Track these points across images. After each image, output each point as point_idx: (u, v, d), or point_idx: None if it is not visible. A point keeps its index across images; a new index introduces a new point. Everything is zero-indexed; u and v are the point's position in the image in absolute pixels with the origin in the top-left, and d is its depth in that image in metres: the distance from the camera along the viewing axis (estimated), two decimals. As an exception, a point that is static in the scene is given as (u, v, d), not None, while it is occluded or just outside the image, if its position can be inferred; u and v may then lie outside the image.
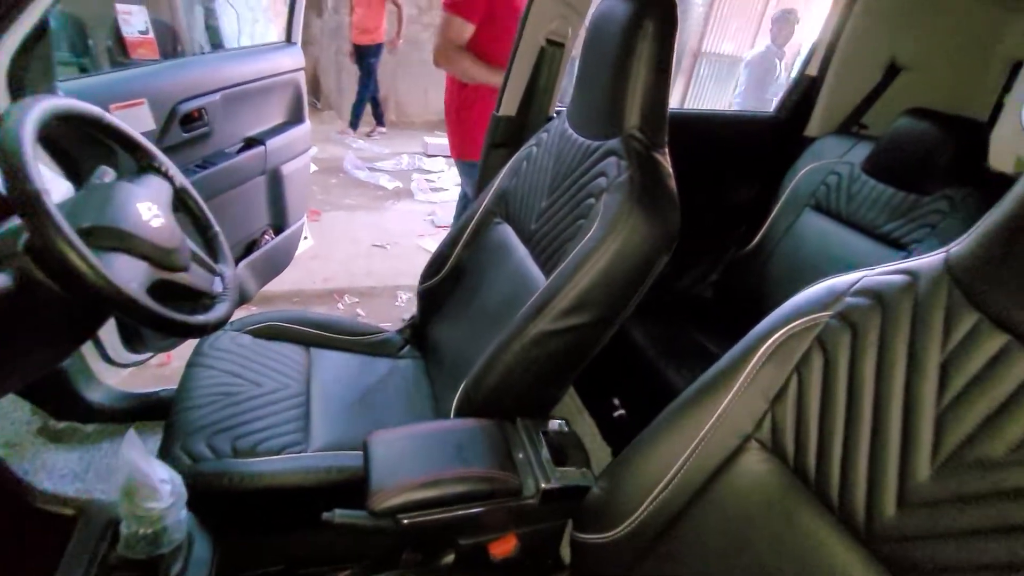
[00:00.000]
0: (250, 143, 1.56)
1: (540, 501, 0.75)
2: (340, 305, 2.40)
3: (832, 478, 0.52)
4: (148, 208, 0.72)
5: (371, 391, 1.09)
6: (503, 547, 0.75)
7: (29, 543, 0.77)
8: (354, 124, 4.81)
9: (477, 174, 1.32)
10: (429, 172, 4.18)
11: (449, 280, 1.16)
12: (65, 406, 1.19)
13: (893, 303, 0.51)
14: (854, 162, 1.30)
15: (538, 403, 0.88)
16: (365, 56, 4.51)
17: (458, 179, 1.95)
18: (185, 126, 1.31)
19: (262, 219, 1.72)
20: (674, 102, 6.13)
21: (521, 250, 1.00)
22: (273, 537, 0.85)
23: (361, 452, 0.73)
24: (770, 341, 0.59)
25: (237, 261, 1.59)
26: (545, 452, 0.79)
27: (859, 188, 1.26)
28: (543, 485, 0.74)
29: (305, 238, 2.72)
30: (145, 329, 1.30)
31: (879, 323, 0.51)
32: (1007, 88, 1.35)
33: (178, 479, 0.65)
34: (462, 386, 0.88)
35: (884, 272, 0.54)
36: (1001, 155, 1.33)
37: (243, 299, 1.61)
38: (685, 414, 0.63)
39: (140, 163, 0.81)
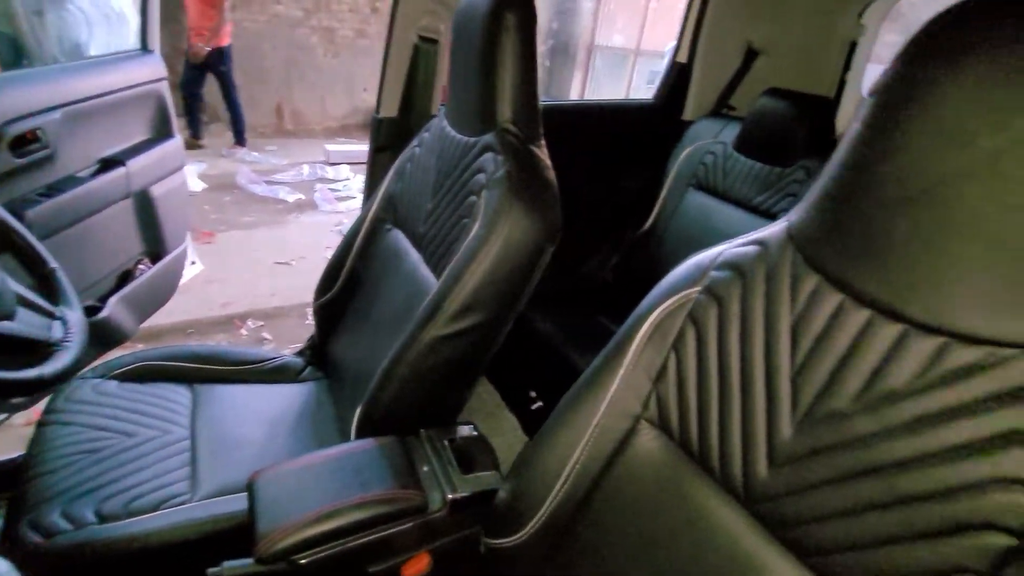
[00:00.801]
0: (107, 165, 1.39)
1: (449, 512, 0.72)
2: (243, 331, 2.23)
3: (712, 447, 0.54)
4: (-52, 251, 0.61)
5: (270, 423, 1.01)
6: (415, 567, 0.72)
7: None
8: (241, 140, 4.44)
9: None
10: (333, 181, 4.01)
11: (344, 293, 1.11)
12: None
13: (749, 273, 0.54)
14: (726, 141, 1.38)
15: (442, 411, 0.86)
16: (213, 65, 4.03)
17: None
18: (17, 150, 1.15)
19: (134, 247, 1.55)
20: (574, 95, 6.30)
21: (414, 255, 0.97)
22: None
23: None
24: (648, 322, 0.60)
25: (108, 296, 1.42)
26: (451, 461, 0.77)
27: (732, 165, 1.36)
28: (449, 496, 0.71)
29: (193, 263, 2.51)
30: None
31: (740, 293, 0.54)
32: (847, 67, 1.50)
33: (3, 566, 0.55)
34: (361, 404, 0.84)
35: (740, 244, 0.57)
36: (846, 127, 1.48)
37: (120, 338, 1.44)
38: (578, 403, 0.64)
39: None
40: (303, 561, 0.63)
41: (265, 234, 3.13)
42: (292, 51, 4.96)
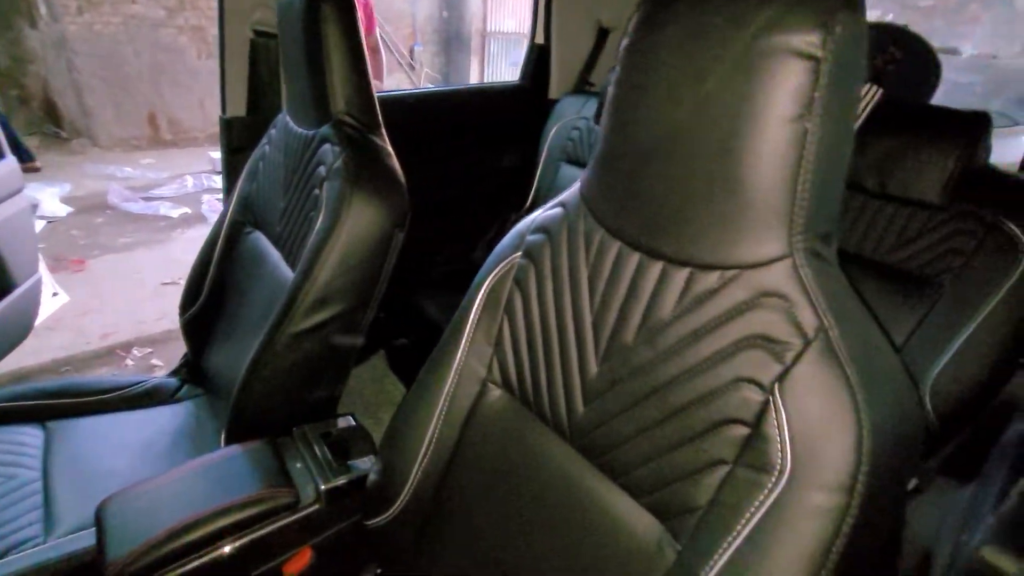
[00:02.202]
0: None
1: (326, 504, 0.73)
2: (129, 361, 2.06)
3: (543, 395, 0.58)
4: None
5: (142, 449, 0.95)
6: (297, 564, 0.73)
7: None
8: (25, 156, 3.71)
9: None
10: (221, 191, 3.75)
11: (211, 304, 1.06)
12: None
13: (555, 234, 0.59)
14: (588, 116, 1.46)
15: (314, 407, 0.85)
16: None
17: None
18: None
19: (-29, 284, 1.39)
20: (474, 79, 6.28)
21: (274, 255, 0.94)
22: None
23: None
24: (482, 291, 0.64)
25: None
26: (326, 454, 0.77)
27: (595, 138, 1.43)
28: (322, 487, 0.72)
29: (55, 295, 2.28)
30: None
31: (549, 253, 0.58)
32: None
33: None
34: (229, 409, 0.82)
35: (549, 207, 0.62)
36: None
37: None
38: (430, 376, 0.66)
39: None
40: (166, 578, 0.62)
41: (146, 255, 2.89)
42: (159, 54, 4.55)
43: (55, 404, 0.97)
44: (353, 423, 0.85)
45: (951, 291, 0.86)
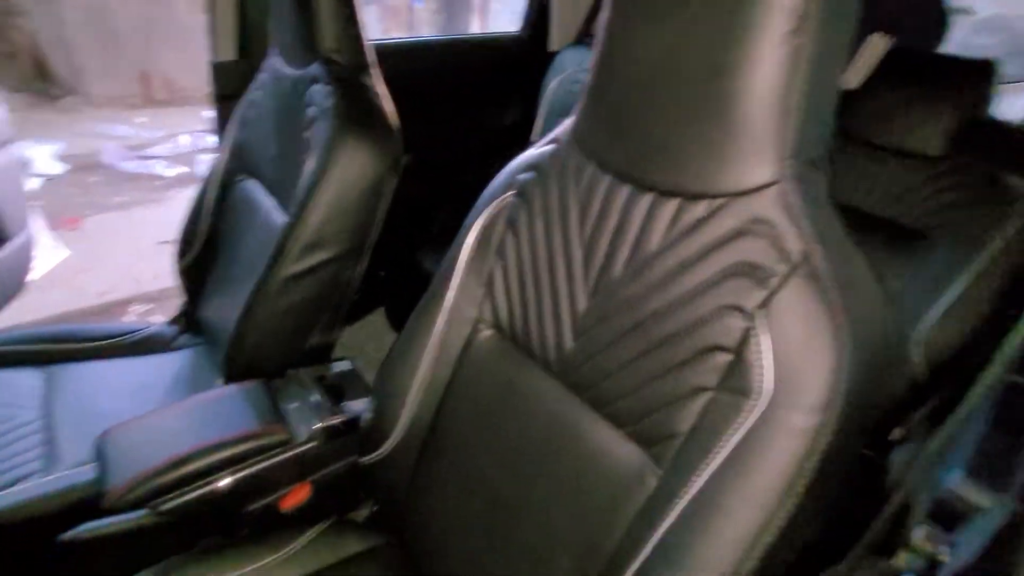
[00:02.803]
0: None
1: (322, 443, 0.74)
2: (129, 319, 2.08)
3: (533, 334, 0.59)
4: None
5: (142, 394, 0.97)
6: (294, 499, 0.75)
7: None
8: None
9: None
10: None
11: (206, 253, 1.06)
12: None
13: (546, 170, 0.58)
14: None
15: (309, 353, 0.86)
16: None
17: None
18: None
19: (-37, 237, 1.38)
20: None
21: (268, 203, 0.94)
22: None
23: None
24: (473, 232, 0.64)
25: (-61, 293, 1.27)
26: (321, 395, 0.78)
27: None
28: (316, 426, 0.73)
29: (53, 249, 2.28)
30: None
31: (541, 191, 0.58)
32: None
33: None
34: (224, 355, 0.83)
35: (541, 144, 0.61)
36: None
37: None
38: (422, 317, 0.67)
39: None
40: (164, 507, 0.64)
41: (143, 213, 2.87)
42: (148, 9, 4.40)
43: (54, 349, 0.98)
44: (350, 367, 0.86)
45: (947, 244, 0.86)
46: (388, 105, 0.82)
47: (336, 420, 0.75)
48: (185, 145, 3.71)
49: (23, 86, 4.31)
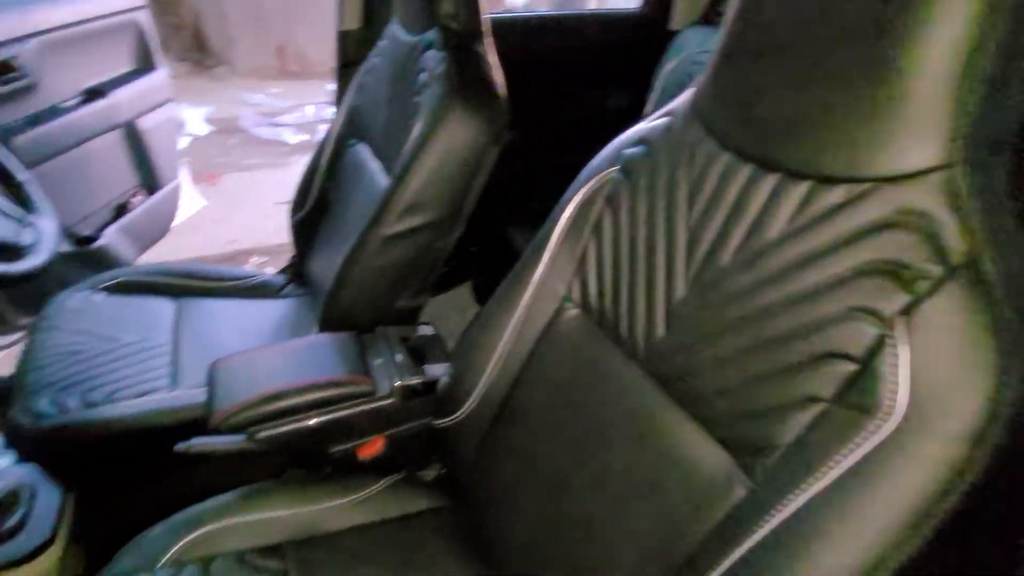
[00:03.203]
0: (91, 96, 1.42)
1: (400, 400, 0.77)
2: (248, 267, 2.31)
3: (622, 319, 0.56)
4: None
5: (251, 333, 1.07)
6: (370, 449, 0.78)
7: None
8: None
9: None
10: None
11: (316, 211, 1.13)
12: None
13: (656, 145, 0.54)
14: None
15: (397, 313, 0.89)
16: None
17: None
18: (-4, 80, 1.17)
19: (128, 180, 1.60)
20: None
21: (374, 166, 0.98)
22: (140, 483, 0.85)
23: None
24: (570, 208, 0.61)
25: (105, 227, 1.49)
26: (404, 355, 0.81)
27: None
28: (396, 383, 0.76)
29: (193, 199, 2.57)
30: (0, 306, 1.21)
31: (648, 167, 0.54)
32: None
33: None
34: (321, 306, 0.88)
35: (655, 117, 0.57)
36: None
37: (119, 267, 1.52)
38: (509, 289, 0.66)
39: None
40: (260, 435, 0.69)
41: (268, 175, 3.16)
42: (292, -14, 4.79)
43: (186, 284, 1.11)
44: (433, 332, 0.88)
45: None
46: (498, 76, 0.81)
47: (415, 380, 0.77)
48: (310, 115, 4.02)
49: (184, 55, 4.90)
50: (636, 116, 1.48)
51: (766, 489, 0.40)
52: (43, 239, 0.77)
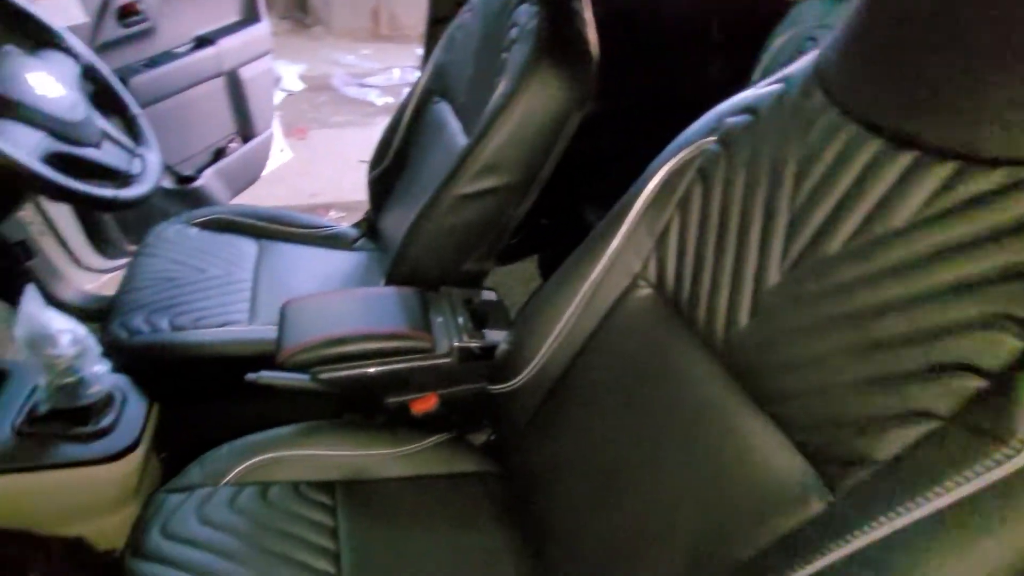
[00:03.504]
0: (201, 43, 1.50)
1: (458, 361, 0.77)
2: (327, 219, 2.41)
3: (701, 303, 0.52)
4: (42, 79, 0.71)
5: (323, 280, 1.11)
6: (423, 404, 0.79)
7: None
8: None
9: None
10: (422, 85, 4.01)
11: (394, 167, 1.15)
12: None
13: (765, 114, 0.48)
14: (833, 26, 1.18)
15: (463, 276, 0.89)
16: None
17: None
18: (123, 20, 1.26)
19: (227, 126, 1.69)
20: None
21: (454, 125, 0.96)
22: (214, 404, 0.91)
23: None
24: (655, 180, 0.57)
25: (204, 168, 1.59)
26: (466, 316, 0.80)
27: None
28: (456, 343, 0.76)
29: (282, 151, 2.70)
30: (112, 232, 1.33)
31: (751, 138, 0.49)
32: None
33: (81, 330, 0.68)
34: (390, 261, 0.89)
35: (765, 84, 0.51)
36: None
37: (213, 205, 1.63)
38: (579, 260, 0.63)
39: (37, 38, 0.78)
40: (322, 376, 0.72)
41: (353, 134, 3.27)
42: (390, -51, 4.84)
43: (267, 227, 1.17)
44: (494, 298, 0.87)
45: None
46: (591, 34, 0.77)
47: (474, 343, 0.76)
48: (396, 78, 4.09)
49: (287, 14, 5.12)
50: (736, 92, 1.37)
51: (850, 506, 0.36)
52: (149, 170, 0.83)
